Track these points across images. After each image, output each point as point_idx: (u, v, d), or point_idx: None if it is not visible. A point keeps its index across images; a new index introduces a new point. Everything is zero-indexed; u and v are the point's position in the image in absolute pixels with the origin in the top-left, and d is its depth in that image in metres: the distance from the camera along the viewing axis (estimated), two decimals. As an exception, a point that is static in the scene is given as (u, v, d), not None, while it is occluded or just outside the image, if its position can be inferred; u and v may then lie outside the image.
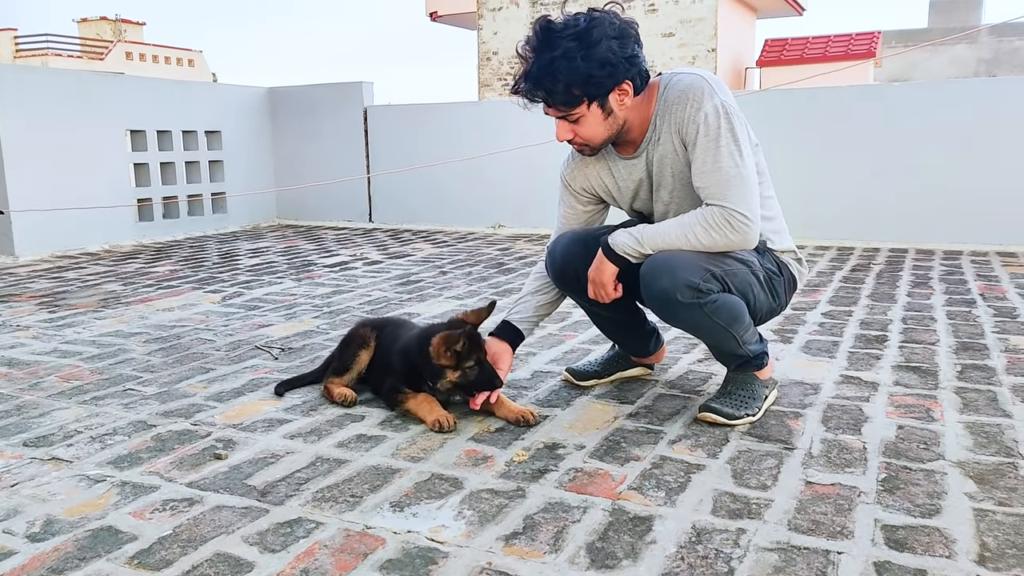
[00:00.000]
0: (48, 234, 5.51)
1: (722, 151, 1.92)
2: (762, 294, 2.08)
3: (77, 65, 37.33)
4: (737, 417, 2.09)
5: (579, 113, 1.97)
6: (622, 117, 2.01)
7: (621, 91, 1.96)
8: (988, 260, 4.68)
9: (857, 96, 5.59)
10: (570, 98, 1.94)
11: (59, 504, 1.70)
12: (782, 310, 2.24)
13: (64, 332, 3.26)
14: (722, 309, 2.00)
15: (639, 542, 1.50)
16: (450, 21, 18.01)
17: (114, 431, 2.13)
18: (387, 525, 1.58)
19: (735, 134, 1.93)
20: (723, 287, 1.99)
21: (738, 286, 2.02)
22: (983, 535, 1.51)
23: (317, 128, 7.21)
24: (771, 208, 2.13)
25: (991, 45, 23.34)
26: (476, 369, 2.11)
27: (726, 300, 2.00)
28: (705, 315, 1.99)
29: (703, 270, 1.95)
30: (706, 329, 2.07)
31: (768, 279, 2.09)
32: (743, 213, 1.91)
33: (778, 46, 18.04)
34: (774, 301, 2.15)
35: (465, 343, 2.08)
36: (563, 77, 1.90)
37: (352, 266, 4.87)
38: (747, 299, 2.05)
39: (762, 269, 2.06)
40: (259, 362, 2.78)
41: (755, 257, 2.06)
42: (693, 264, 1.95)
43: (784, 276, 2.15)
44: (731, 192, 1.92)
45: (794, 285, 2.20)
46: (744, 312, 2.05)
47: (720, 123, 1.92)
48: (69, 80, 5.95)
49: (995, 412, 2.16)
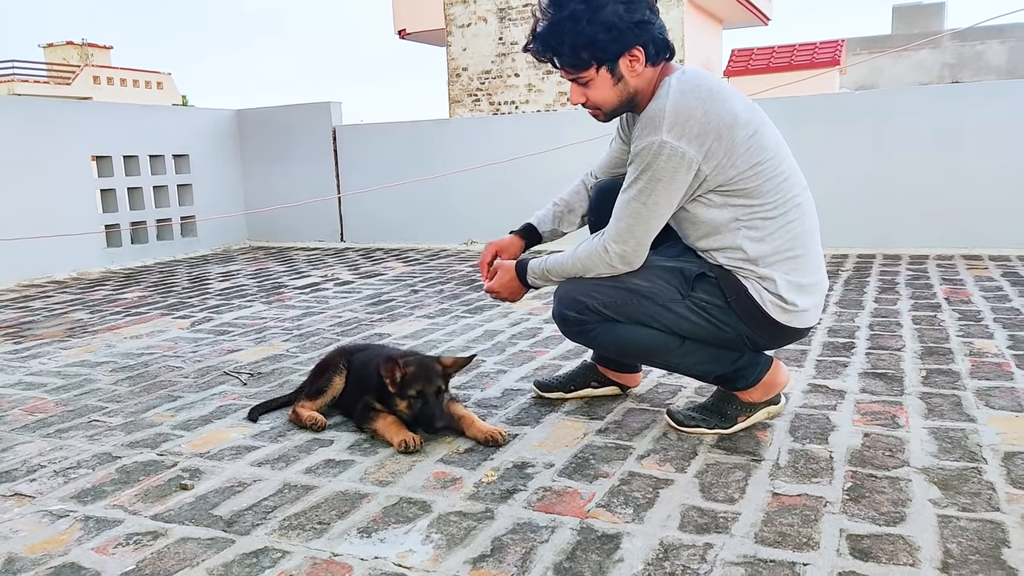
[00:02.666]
0: (14, 263, 5.41)
1: (635, 183, 1.94)
2: (686, 323, 2.03)
3: (44, 90, 36.96)
4: (686, 425, 2.13)
5: (588, 76, 1.98)
6: (633, 85, 1.99)
7: (631, 57, 1.95)
8: (953, 264, 4.76)
9: (822, 104, 5.68)
10: (577, 60, 1.96)
11: (21, 541, 1.67)
12: (764, 339, 2.09)
13: (29, 363, 3.21)
14: (604, 338, 2.11)
15: (606, 560, 1.50)
16: (419, 38, 18.08)
17: (78, 464, 2.09)
18: (354, 552, 1.57)
19: (656, 176, 1.90)
20: (601, 318, 2.07)
21: (632, 315, 2.05)
22: (947, 542, 1.52)
23: (286, 149, 7.19)
24: (764, 230, 1.98)
25: (954, 50, 23.86)
26: (419, 403, 2.12)
27: (608, 329, 2.09)
28: (591, 341, 2.18)
29: (576, 302, 2.08)
30: (616, 353, 2.24)
31: (700, 308, 2.02)
32: (615, 245, 2.00)
33: (744, 56, 18.31)
34: (723, 330, 2.04)
35: (406, 373, 2.11)
36: (568, 39, 1.92)
37: (323, 287, 4.84)
38: (656, 327, 2.05)
39: (684, 298, 2.02)
40: (227, 388, 2.76)
41: (671, 287, 2.02)
42: (571, 296, 2.09)
43: (735, 307, 2.01)
44: (619, 221, 1.99)
45: (762, 317, 2.02)
46: (649, 339, 2.07)
47: (648, 159, 1.90)
48: (32, 106, 5.90)
49: (959, 417, 2.19)
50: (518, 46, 14.36)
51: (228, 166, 7.26)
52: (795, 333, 2.11)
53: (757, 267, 1.99)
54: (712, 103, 1.91)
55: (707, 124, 1.89)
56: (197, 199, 6.91)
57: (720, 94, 1.93)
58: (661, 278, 2.04)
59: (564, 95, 14.13)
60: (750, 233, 1.98)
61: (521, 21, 14.31)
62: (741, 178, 1.94)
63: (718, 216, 1.99)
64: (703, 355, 2.10)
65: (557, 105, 14.39)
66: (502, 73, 14.83)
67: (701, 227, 2.03)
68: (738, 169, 1.93)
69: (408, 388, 2.11)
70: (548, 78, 14.36)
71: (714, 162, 1.91)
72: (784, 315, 2.02)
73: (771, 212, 1.98)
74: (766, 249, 1.99)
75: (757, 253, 1.98)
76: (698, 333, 2.06)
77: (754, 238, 1.98)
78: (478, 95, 15.00)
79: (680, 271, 2.04)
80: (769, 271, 1.99)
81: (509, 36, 14.57)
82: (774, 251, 1.99)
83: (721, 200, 1.97)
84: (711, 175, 1.93)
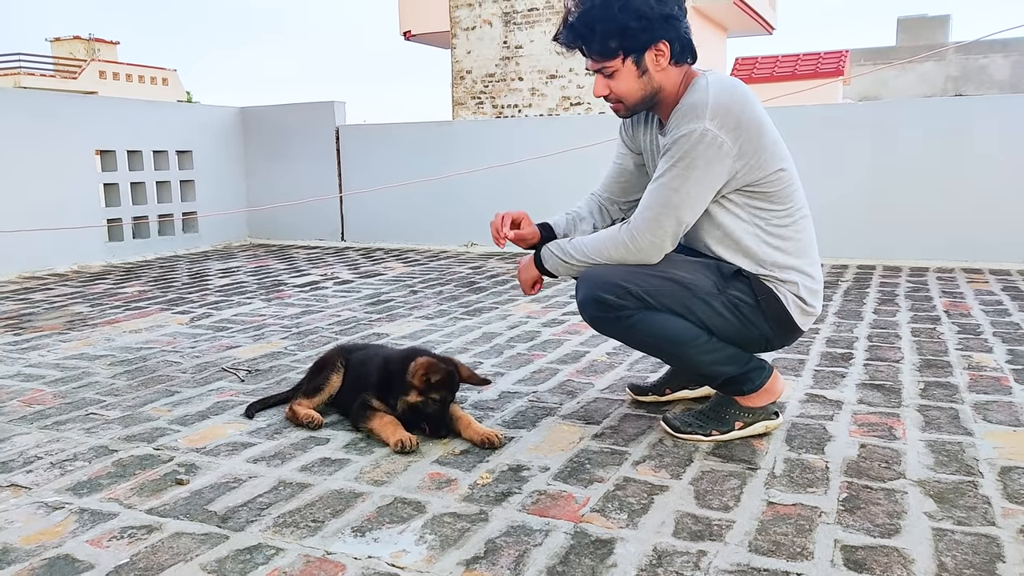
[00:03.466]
0: (16, 254, 5.42)
1: (670, 171, 1.95)
2: (718, 318, 2.06)
3: (50, 84, 37.01)
4: (683, 432, 2.13)
5: (614, 67, 2.00)
6: (657, 80, 2.02)
7: (657, 50, 1.98)
8: (954, 276, 4.76)
9: (825, 114, 5.69)
10: (605, 49, 1.98)
11: (16, 532, 1.67)
12: (778, 339, 2.14)
13: (28, 355, 3.21)
14: (642, 326, 2.05)
15: (600, 565, 1.50)
16: (424, 40, 18.09)
17: (75, 456, 2.09)
18: (348, 551, 1.57)
19: (693, 163, 1.93)
20: (643, 304, 2.03)
21: (670, 306, 2.04)
22: (941, 555, 1.52)
23: (289, 147, 7.20)
24: (782, 237, 2.04)
25: (958, 63, 23.88)
26: (436, 406, 2.14)
27: (647, 317, 2.04)
28: (624, 330, 2.08)
29: (617, 286, 2.02)
30: (640, 344, 2.16)
31: (733, 305, 2.05)
32: (642, 235, 1.99)
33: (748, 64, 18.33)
34: (749, 329, 2.08)
35: (443, 378, 2.13)
36: (600, 26, 1.96)
37: (323, 286, 4.84)
38: (691, 320, 2.05)
39: (720, 294, 2.05)
40: (225, 384, 2.76)
41: (710, 280, 2.05)
42: (610, 280, 2.02)
43: (763, 306, 2.05)
44: (648, 210, 1.99)
45: (785, 319, 2.08)
46: (683, 331, 2.05)
47: (687, 147, 1.92)
48: (38, 100, 5.90)
49: (956, 430, 2.19)
50: (523, 50, 14.38)
51: (231, 163, 7.27)
52: (799, 335, 2.19)
53: (777, 271, 2.05)
54: (747, 103, 1.97)
55: (743, 121, 1.94)
56: (199, 195, 6.92)
57: (753, 97, 2.02)
58: (700, 272, 2.05)
59: (567, 100, 14.14)
60: (768, 239, 2.04)
61: (526, 25, 14.33)
62: (766, 181, 2.00)
63: (738, 221, 2.03)
64: (722, 354, 2.10)
65: (560, 110, 14.40)
66: (506, 77, 14.83)
67: (719, 231, 2.06)
68: (764, 172, 1.99)
69: (433, 391, 2.13)
70: (551, 83, 14.37)
71: (745, 160, 1.95)
72: (802, 317, 2.11)
73: (787, 219, 2.05)
74: (784, 256, 2.06)
75: (775, 259, 2.05)
76: (726, 329, 2.08)
77: (773, 244, 2.05)
78: (482, 98, 15.00)
79: (717, 267, 2.07)
80: (788, 275, 2.06)
81: (514, 40, 14.59)
82: (791, 256, 2.07)
83: (742, 201, 2.02)
84: (741, 172, 1.97)
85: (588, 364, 2.94)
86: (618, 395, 2.55)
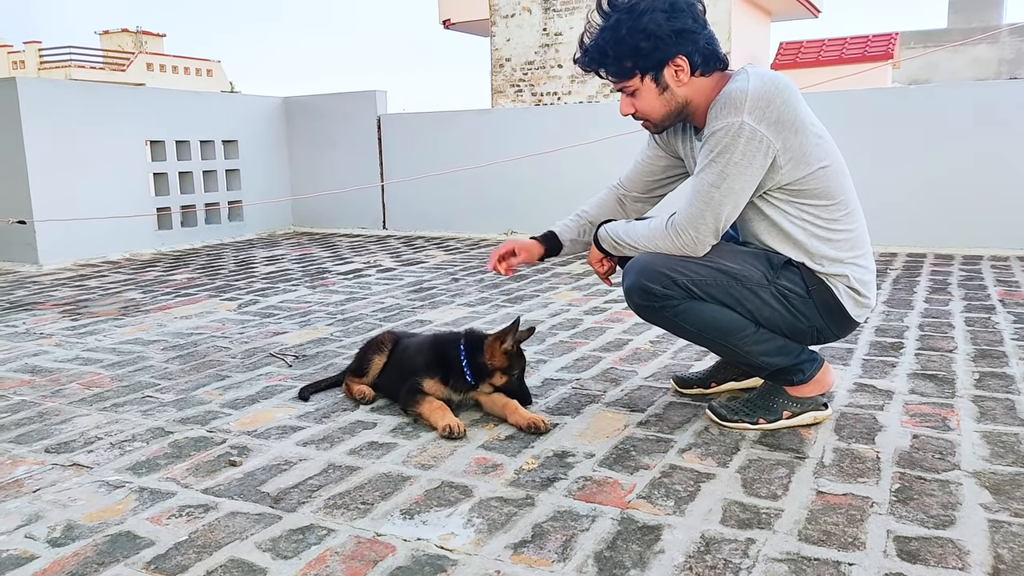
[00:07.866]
0: (71, 243, 5.59)
1: (710, 167, 1.92)
2: (767, 309, 2.03)
3: (100, 76, 37.88)
4: (730, 420, 2.12)
5: (633, 86, 2.00)
6: (681, 95, 2.00)
7: (676, 66, 1.96)
8: (1009, 265, 4.63)
9: (874, 99, 5.56)
10: (621, 69, 1.98)
11: (79, 509, 1.73)
12: (831, 332, 2.11)
13: (86, 340, 3.31)
14: (687, 316, 2.04)
15: (647, 551, 1.50)
16: (463, 28, 18.09)
17: (133, 437, 2.16)
18: (397, 532, 1.60)
19: (732, 158, 1.89)
20: (688, 295, 2.02)
21: (717, 296, 2.02)
22: (998, 547, 1.49)
23: (332, 136, 7.27)
24: (832, 230, 2.01)
25: (1013, 45, 23.09)
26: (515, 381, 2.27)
27: (692, 307, 2.03)
28: (669, 319, 2.08)
29: (664, 276, 2.01)
30: (686, 334, 2.14)
31: (782, 296, 2.02)
32: (686, 232, 1.97)
33: (793, 49, 17.98)
34: (799, 320, 2.05)
35: (516, 350, 2.25)
36: (612, 49, 1.96)
37: (366, 273, 4.90)
38: (739, 311, 2.03)
39: (769, 284, 2.02)
40: (273, 369, 2.81)
41: (758, 271, 2.02)
42: (657, 269, 2.01)
43: (815, 297, 2.03)
44: (690, 207, 1.97)
45: (838, 311, 2.05)
46: (730, 322, 2.04)
47: (726, 141, 1.89)
48: (90, 92, 6.03)
49: (1013, 421, 2.13)
50: (562, 37, 14.29)
51: (275, 152, 7.37)
52: (854, 327, 2.14)
53: (827, 265, 2.02)
54: (790, 97, 1.92)
55: (786, 115, 1.90)
56: (244, 184, 7.04)
57: (796, 91, 1.96)
58: (749, 262, 2.03)
59: (607, 86, 14.03)
60: (819, 232, 2.01)
61: (565, 12, 14.24)
62: (810, 178, 1.96)
63: (786, 216, 2.00)
64: (771, 345, 2.08)
65: (600, 97, 14.30)
66: (545, 64, 14.77)
67: (766, 222, 2.03)
68: (810, 168, 1.95)
69: (515, 368, 2.25)
70: (593, 69, 14.26)
71: (789, 155, 1.92)
72: (856, 308, 2.07)
73: (836, 213, 2.01)
74: (835, 250, 2.02)
75: (825, 252, 2.02)
76: (776, 321, 2.06)
77: (823, 237, 2.01)
78: (521, 85, 14.96)
79: (767, 257, 2.04)
80: (839, 268, 2.03)
81: (553, 27, 14.51)
82: (843, 250, 2.03)
83: (787, 199, 1.99)
84: (785, 168, 1.93)
85: (631, 352, 2.93)
86: (662, 383, 2.54)
